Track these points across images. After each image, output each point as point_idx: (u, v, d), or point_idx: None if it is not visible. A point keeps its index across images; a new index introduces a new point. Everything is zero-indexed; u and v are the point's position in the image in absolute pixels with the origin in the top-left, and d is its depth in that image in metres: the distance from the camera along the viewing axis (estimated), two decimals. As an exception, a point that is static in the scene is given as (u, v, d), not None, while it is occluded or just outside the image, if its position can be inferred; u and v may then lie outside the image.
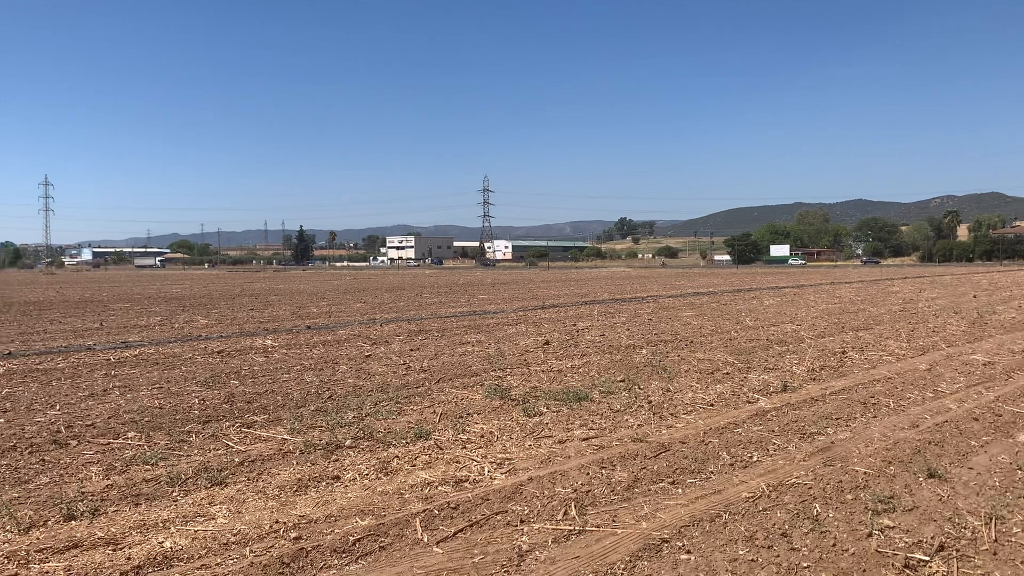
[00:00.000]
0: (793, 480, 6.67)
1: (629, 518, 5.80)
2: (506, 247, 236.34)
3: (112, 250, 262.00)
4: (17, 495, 6.41)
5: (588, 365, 13.07)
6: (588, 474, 6.85)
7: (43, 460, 7.46)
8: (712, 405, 9.77)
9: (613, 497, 6.28)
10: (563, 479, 6.70)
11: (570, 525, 5.64)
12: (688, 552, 5.19)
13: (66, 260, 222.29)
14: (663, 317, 22.79)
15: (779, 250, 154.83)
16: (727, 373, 12.14)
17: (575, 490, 6.42)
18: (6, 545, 5.30)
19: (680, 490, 6.46)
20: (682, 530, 5.55)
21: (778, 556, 5.12)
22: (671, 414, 9.24)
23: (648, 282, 53.52)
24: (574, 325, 20.44)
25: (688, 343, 15.99)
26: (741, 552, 5.18)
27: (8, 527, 5.64)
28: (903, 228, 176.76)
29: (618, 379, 11.52)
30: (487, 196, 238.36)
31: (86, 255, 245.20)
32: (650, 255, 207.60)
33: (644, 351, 14.77)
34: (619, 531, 5.54)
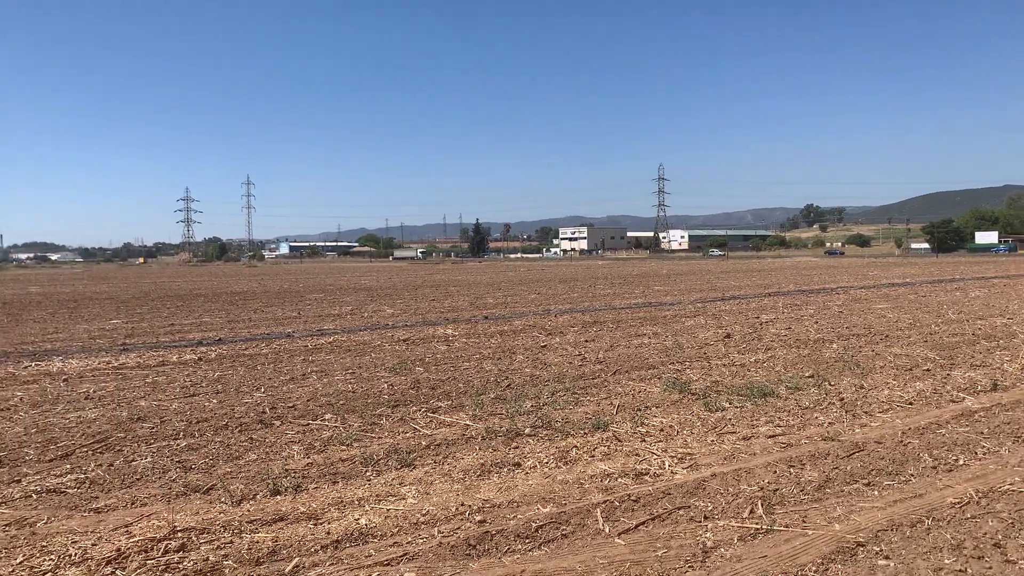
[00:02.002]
0: (1006, 487, 6.10)
1: (820, 519, 5.52)
2: (682, 236, 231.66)
3: (307, 244, 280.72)
4: (230, 470, 7.01)
5: (773, 359, 12.56)
6: (775, 472, 6.58)
7: (251, 438, 8.12)
8: (911, 404, 9.12)
9: (803, 497, 6.00)
10: (748, 476, 6.48)
11: (756, 524, 5.44)
12: (886, 558, 4.87)
13: (266, 253, 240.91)
14: (855, 309, 21.52)
15: (985, 237, 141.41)
16: (927, 370, 11.28)
17: (761, 488, 6.18)
18: (222, 515, 5.80)
19: (876, 492, 6.08)
20: (879, 534, 5.22)
21: (990, 568, 4.70)
22: (865, 412, 8.71)
23: (837, 272, 50.69)
24: (757, 318, 19.72)
25: (883, 337, 15.00)
26: (947, 561, 4.80)
27: (223, 499, 6.18)
28: None
29: (806, 375, 10.99)
30: (662, 184, 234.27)
31: (284, 249, 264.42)
32: (839, 243, 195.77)
33: (834, 345, 14.01)
34: (809, 532, 5.28)
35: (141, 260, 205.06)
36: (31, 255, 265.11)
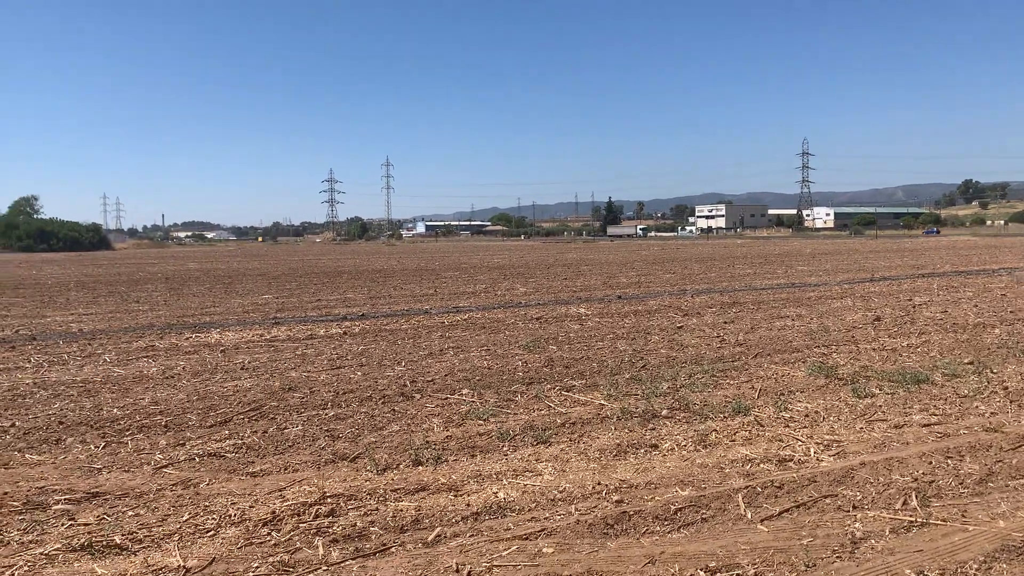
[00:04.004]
0: None
1: (982, 514, 5.17)
2: (827, 214, 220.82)
3: (442, 224, 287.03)
4: (374, 440, 7.29)
5: (927, 344, 11.83)
6: (930, 463, 6.21)
7: (393, 410, 8.41)
8: (1088, 395, 8.37)
9: (961, 490, 5.64)
10: (901, 466, 6.14)
11: (910, 516, 5.15)
12: (1060, 561, 4.50)
13: (403, 232, 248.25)
14: (1020, 293, 19.93)
15: None
16: (1108, 359, 10.31)
17: (915, 479, 5.85)
18: (368, 483, 6.05)
19: (1047, 489, 5.63)
20: (1051, 534, 4.83)
21: None
22: (1034, 403, 8.06)
23: (999, 252, 46.98)
24: (909, 300, 18.62)
25: (1054, 323, 13.82)
26: None
27: (368, 467, 6.44)
28: None
29: (965, 361, 10.29)
30: (806, 159, 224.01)
31: (420, 228, 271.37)
32: (1001, 222, 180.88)
33: (997, 330, 13.03)
34: (970, 528, 4.96)
35: (259, 239, 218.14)
36: (189, 234, 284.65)
